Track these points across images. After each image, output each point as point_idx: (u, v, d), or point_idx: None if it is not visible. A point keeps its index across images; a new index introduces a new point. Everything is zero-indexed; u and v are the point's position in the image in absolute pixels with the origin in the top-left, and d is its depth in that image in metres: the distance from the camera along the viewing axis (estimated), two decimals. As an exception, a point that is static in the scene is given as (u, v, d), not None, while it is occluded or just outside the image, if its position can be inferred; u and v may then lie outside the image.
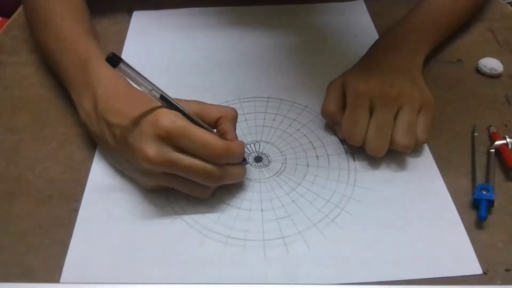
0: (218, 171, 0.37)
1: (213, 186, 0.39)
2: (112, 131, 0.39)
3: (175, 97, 0.38)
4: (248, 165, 0.43)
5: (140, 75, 0.35)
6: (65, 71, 0.46)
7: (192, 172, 0.36)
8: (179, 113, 0.37)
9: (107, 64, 0.43)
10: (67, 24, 0.49)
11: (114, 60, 0.33)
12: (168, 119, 0.36)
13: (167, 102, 0.37)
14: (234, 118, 0.40)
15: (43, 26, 0.50)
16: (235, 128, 0.41)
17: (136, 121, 0.36)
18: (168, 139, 0.35)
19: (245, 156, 0.41)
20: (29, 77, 0.54)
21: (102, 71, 0.42)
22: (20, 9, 0.64)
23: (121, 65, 0.34)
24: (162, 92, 0.36)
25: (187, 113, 0.37)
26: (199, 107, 0.39)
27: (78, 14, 0.51)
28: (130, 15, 0.63)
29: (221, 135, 0.39)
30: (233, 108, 0.41)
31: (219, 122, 0.40)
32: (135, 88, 0.40)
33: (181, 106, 0.37)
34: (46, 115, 0.49)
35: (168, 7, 0.64)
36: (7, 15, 0.67)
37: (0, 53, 0.57)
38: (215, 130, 0.40)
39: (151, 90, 0.36)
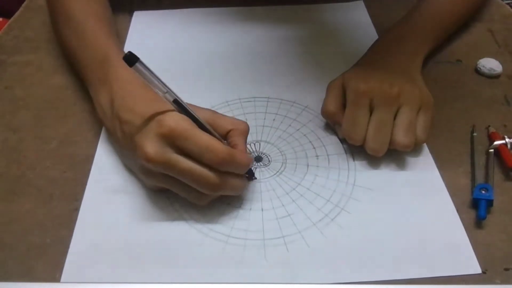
0: (217, 179, 0.36)
1: (211, 195, 0.38)
2: (122, 128, 0.39)
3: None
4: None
5: (156, 76, 0.35)
6: (85, 67, 0.46)
7: (190, 176, 0.36)
8: (186, 117, 0.36)
9: (125, 63, 0.44)
10: (89, 21, 0.49)
11: (131, 59, 0.33)
12: (174, 120, 0.35)
13: (180, 106, 0.36)
14: (245, 132, 0.40)
15: (65, 23, 0.50)
16: (246, 142, 0.40)
17: (144, 119, 0.37)
18: (170, 139, 0.35)
19: (252, 169, 0.40)
20: (30, 76, 0.54)
21: (120, 70, 0.43)
22: (21, 9, 0.65)
23: (137, 64, 0.34)
24: (176, 96, 0.36)
25: (199, 119, 0.37)
26: (211, 116, 0.39)
27: (99, 11, 0.51)
28: (131, 15, 0.63)
29: (231, 147, 0.39)
30: (245, 122, 0.40)
31: (229, 134, 0.39)
32: (151, 89, 0.40)
33: (194, 112, 0.37)
34: (47, 114, 0.49)
35: (168, 7, 0.64)
36: (8, 15, 0.67)
37: (1, 53, 0.57)
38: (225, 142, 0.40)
39: (165, 92, 0.36)
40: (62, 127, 0.47)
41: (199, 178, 0.36)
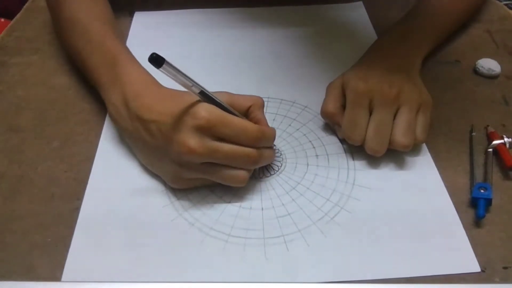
0: (256, 153, 0.39)
1: (250, 171, 0.40)
2: (147, 127, 0.39)
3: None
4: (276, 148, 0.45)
5: (181, 72, 0.35)
6: (93, 69, 0.46)
7: (233, 156, 0.38)
8: (214, 106, 0.38)
9: (134, 62, 0.44)
10: (95, 24, 0.49)
11: (158, 60, 0.33)
12: (207, 110, 0.37)
13: (205, 96, 0.38)
14: (263, 105, 0.42)
15: (70, 26, 0.51)
16: (264, 115, 0.42)
17: (175, 116, 0.37)
18: (208, 129, 0.37)
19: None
20: (32, 77, 0.54)
21: (130, 69, 0.43)
22: (22, 10, 0.65)
23: (164, 65, 0.34)
24: (202, 87, 0.37)
25: (224, 105, 0.39)
26: (229, 98, 0.40)
27: (103, 14, 0.52)
28: (132, 16, 0.63)
29: (254, 123, 0.40)
30: (260, 97, 0.42)
31: (249, 111, 0.41)
32: (162, 85, 0.41)
33: (218, 99, 0.38)
34: (48, 114, 0.49)
35: (169, 8, 0.64)
36: (10, 16, 0.67)
37: (3, 54, 0.57)
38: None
39: (191, 86, 0.36)
40: (63, 127, 0.48)
41: (241, 156, 0.38)
